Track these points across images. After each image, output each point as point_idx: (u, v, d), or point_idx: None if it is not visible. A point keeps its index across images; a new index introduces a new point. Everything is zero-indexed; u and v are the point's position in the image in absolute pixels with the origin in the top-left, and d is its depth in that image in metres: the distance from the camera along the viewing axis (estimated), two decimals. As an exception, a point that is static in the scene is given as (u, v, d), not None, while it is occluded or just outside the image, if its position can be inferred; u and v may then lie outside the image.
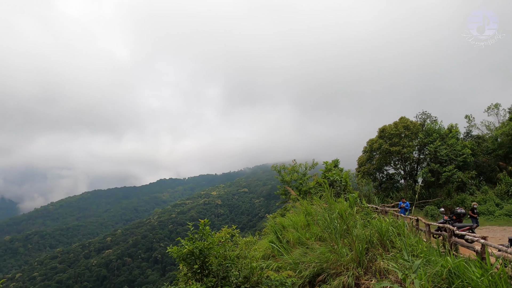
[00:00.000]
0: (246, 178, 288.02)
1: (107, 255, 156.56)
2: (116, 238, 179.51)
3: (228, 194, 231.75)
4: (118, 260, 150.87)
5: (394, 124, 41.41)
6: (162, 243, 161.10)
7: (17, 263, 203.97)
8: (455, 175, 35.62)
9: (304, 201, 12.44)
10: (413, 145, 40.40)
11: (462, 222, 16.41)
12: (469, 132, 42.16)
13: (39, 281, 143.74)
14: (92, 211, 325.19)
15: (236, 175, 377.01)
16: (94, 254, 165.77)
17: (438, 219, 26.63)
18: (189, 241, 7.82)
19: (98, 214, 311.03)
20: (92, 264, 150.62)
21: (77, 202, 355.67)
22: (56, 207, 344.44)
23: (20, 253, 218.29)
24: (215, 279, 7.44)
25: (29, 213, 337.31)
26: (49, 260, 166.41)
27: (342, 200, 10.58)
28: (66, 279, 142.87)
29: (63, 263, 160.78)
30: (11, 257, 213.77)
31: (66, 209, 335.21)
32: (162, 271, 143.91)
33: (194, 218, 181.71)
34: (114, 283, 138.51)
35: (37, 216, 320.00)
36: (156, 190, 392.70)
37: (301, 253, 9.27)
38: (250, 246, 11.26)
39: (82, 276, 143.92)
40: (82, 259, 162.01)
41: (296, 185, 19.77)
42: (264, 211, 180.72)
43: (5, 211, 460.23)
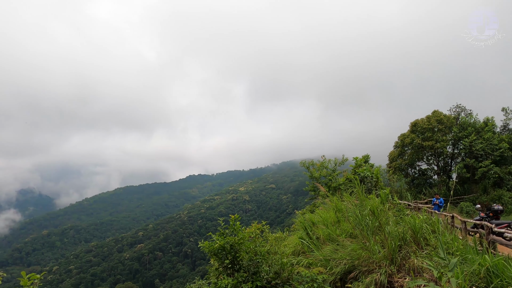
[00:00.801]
0: (273, 174, 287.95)
1: (139, 249, 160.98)
2: (147, 233, 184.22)
3: (256, 190, 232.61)
4: (149, 254, 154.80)
5: (426, 118, 40.12)
6: (192, 238, 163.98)
7: (54, 256, 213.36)
8: (491, 170, 34.20)
9: (334, 198, 12.30)
10: (447, 140, 39.02)
11: (499, 219, 15.73)
12: (506, 126, 40.22)
13: (75, 273, 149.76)
14: (125, 206, 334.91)
15: (263, 171, 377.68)
16: (126, 248, 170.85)
17: (473, 216, 25.69)
18: (220, 236, 7.90)
19: (130, 209, 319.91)
20: (125, 258, 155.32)
21: (110, 198, 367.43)
22: (90, 202, 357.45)
23: (57, 247, 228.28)
24: (246, 274, 7.49)
25: (65, 209, 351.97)
26: (84, 254, 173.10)
27: (374, 196, 10.37)
28: (100, 272, 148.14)
29: (98, 256, 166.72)
30: (49, 250, 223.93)
31: (100, 205, 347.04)
32: (192, 266, 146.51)
33: (223, 214, 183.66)
34: (146, 276, 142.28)
35: (73, 211, 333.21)
36: (185, 186, 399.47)
37: (331, 249, 9.18)
38: (280, 242, 11.27)
39: (115, 269, 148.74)
40: (115, 253, 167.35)
41: (325, 181, 19.54)
42: (292, 207, 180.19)
43: (42, 206, 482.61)
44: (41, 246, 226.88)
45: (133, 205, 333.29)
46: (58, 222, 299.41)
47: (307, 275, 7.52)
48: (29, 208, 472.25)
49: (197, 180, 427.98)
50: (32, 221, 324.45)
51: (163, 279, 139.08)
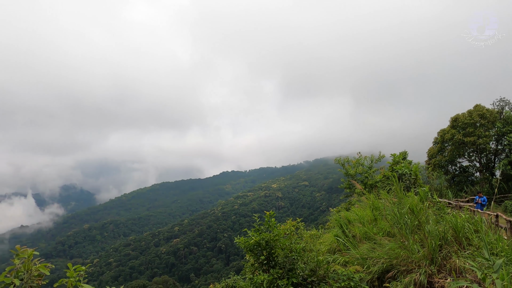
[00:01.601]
0: (306, 171, 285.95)
1: (175, 244, 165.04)
2: (183, 228, 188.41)
3: (288, 187, 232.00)
4: (185, 248, 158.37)
5: (468, 113, 38.31)
6: (226, 233, 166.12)
7: (95, 249, 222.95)
8: (539, 167, 32.25)
9: (370, 195, 12.07)
10: (489, 135, 37.10)
11: None
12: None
13: (114, 266, 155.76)
14: (161, 202, 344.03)
15: (296, 168, 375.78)
16: (163, 242, 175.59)
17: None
18: (256, 232, 7.98)
19: (167, 204, 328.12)
20: (162, 252, 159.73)
21: (147, 194, 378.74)
22: (129, 198, 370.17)
23: (98, 240, 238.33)
24: (282, 271, 7.52)
25: (105, 204, 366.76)
26: (123, 247, 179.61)
27: (412, 194, 10.09)
28: (138, 265, 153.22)
29: (136, 250, 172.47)
30: (90, 243, 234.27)
31: (138, 200, 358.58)
32: (226, 261, 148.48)
33: (256, 210, 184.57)
34: (181, 270, 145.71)
35: (112, 206, 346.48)
36: (219, 182, 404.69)
37: (368, 248, 9.03)
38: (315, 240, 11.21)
39: (153, 263, 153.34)
40: (153, 247, 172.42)
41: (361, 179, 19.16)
42: (325, 205, 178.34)
43: (84, 201, 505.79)
44: (82, 240, 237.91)
45: (169, 201, 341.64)
46: (98, 216, 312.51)
47: (344, 274, 7.46)
48: (71, 203, 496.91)
49: (230, 177, 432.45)
50: (74, 215, 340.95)
51: (198, 274, 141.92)
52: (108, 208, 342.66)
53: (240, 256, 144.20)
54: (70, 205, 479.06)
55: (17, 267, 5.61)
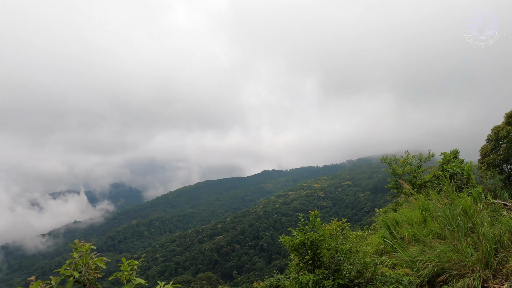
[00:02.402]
0: (350, 171, 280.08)
1: (218, 241, 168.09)
2: (225, 225, 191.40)
3: (331, 187, 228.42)
4: (228, 246, 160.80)
5: (525, 109, 35.75)
6: (268, 232, 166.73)
7: (142, 245, 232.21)
8: None
9: (419, 196, 11.64)
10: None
11: None
12: None
13: (160, 261, 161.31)
14: (204, 199, 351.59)
15: (338, 167, 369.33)
16: (206, 239, 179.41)
17: None
18: (300, 232, 7.98)
19: (210, 202, 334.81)
20: (205, 249, 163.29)
21: (192, 191, 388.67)
22: (174, 195, 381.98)
23: (145, 236, 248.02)
24: (327, 271, 7.48)
25: (152, 201, 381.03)
26: (168, 243, 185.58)
27: (465, 195, 9.62)
28: (183, 261, 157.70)
29: (180, 246, 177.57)
30: (137, 239, 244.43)
31: (182, 198, 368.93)
32: (268, 259, 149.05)
33: (297, 209, 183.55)
34: (224, 267, 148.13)
35: (158, 203, 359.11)
36: (260, 181, 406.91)
37: (418, 250, 8.73)
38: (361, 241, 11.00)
39: (197, 259, 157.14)
40: (197, 243, 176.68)
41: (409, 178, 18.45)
42: (370, 205, 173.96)
43: (132, 199, 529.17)
44: (131, 235, 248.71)
45: (212, 199, 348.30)
46: (145, 213, 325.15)
47: (392, 276, 7.29)
48: (121, 200, 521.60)
49: (271, 176, 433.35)
50: (123, 212, 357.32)
51: (240, 271, 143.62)
52: (154, 205, 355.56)
53: (282, 255, 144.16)
54: (120, 202, 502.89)
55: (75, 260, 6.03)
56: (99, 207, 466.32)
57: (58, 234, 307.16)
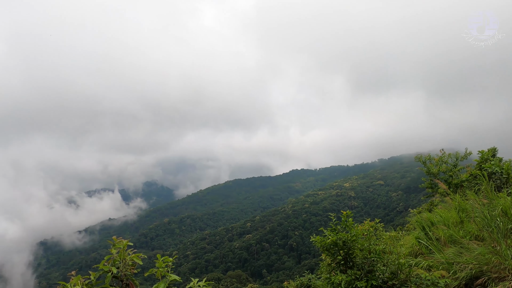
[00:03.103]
0: (381, 170, 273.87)
1: (247, 240, 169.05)
2: (255, 224, 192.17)
3: (362, 186, 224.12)
4: (257, 244, 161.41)
5: None
6: (297, 231, 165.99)
7: (174, 242, 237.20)
8: None
9: (456, 196, 11.27)
10: None
11: None
12: None
13: (191, 258, 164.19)
14: (234, 198, 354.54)
15: (369, 166, 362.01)
16: (236, 237, 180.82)
17: None
18: (332, 231, 7.92)
19: (239, 201, 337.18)
20: (235, 247, 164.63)
21: (221, 190, 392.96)
22: (204, 194, 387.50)
23: (176, 234, 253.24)
24: (360, 272, 7.40)
25: (183, 199, 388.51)
26: (199, 241, 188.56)
27: (505, 195, 9.22)
28: (213, 258, 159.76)
29: (211, 244, 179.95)
30: (169, 236, 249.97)
31: (212, 196, 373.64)
32: (297, 259, 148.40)
33: (327, 209, 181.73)
34: (254, 266, 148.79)
35: (189, 201, 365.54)
36: (288, 180, 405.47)
37: (455, 252, 8.46)
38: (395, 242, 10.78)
39: (227, 257, 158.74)
40: (226, 241, 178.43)
41: (445, 178, 17.85)
42: (402, 205, 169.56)
43: (164, 197, 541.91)
44: (163, 232, 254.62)
45: (241, 197, 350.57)
46: (177, 211, 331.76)
47: (427, 278, 7.12)
48: (153, 198, 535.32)
49: (300, 175, 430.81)
50: (155, 209, 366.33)
51: (270, 270, 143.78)
52: (185, 203, 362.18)
53: (311, 255, 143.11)
54: (152, 200, 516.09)
55: (113, 256, 6.29)
56: (133, 204, 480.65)
57: (94, 230, 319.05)
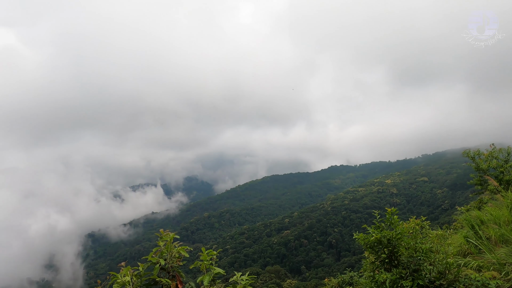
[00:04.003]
0: (426, 166, 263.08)
1: (285, 235, 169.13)
2: (293, 220, 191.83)
3: (405, 183, 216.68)
4: (295, 240, 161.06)
5: None
6: (336, 228, 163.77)
7: (213, 236, 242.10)
8: None
9: (508, 193, 10.65)
10: None
11: None
12: None
13: (230, 253, 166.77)
14: (271, 194, 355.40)
15: (412, 162, 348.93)
16: (274, 233, 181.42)
17: None
18: (376, 229, 7.76)
19: (277, 196, 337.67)
20: (273, 242, 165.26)
21: (259, 185, 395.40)
22: (242, 189, 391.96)
23: (216, 228, 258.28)
24: (405, 271, 7.21)
25: (222, 194, 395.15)
26: (238, 235, 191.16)
27: None
28: (251, 253, 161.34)
29: (249, 239, 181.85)
30: (209, 230, 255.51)
31: (250, 191, 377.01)
32: (337, 256, 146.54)
33: (368, 206, 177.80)
34: (292, 262, 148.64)
35: (228, 196, 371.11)
36: (327, 176, 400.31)
37: (507, 252, 8.03)
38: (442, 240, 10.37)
39: (265, 252, 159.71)
40: (265, 237, 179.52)
41: (496, 174, 16.87)
42: (448, 202, 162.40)
43: (204, 191, 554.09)
44: (203, 226, 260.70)
45: (279, 193, 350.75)
46: (216, 205, 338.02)
47: (477, 279, 6.81)
48: (193, 192, 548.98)
49: (339, 171, 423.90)
50: (195, 204, 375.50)
51: (308, 266, 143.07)
52: (224, 198, 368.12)
53: (352, 252, 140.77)
54: (192, 194, 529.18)
55: (161, 248, 6.55)
56: (174, 199, 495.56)
57: (138, 224, 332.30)
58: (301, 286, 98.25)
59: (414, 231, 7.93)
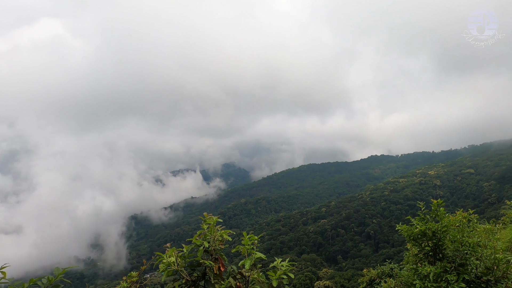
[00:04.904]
0: (472, 157, 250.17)
1: (322, 224, 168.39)
2: (330, 210, 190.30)
3: (449, 175, 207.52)
4: (332, 230, 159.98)
5: None
6: (375, 219, 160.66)
7: (250, 222, 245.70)
8: None
9: None
10: None
11: None
12: None
13: (266, 239, 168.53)
14: (308, 182, 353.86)
15: (457, 153, 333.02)
16: (311, 221, 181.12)
17: None
18: (421, 221, 7.58)
19: (313, 185, 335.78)
20: (309, 231, 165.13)
21: (295, 174, 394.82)
22: (279, 177, 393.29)
23: (252, 214, 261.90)
24: (450, 265, 7.02)
25: (258, 181, 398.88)
26: (274, 223, 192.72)
27: None
28: (287, 240, 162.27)
29: (285, 226, 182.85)
30: (245, 216, 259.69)
31: (287, 179, 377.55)
32: (375, 247, 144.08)
33: (409, 198, 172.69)
34: (329, 251, 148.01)
35: (264, 184, 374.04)
36: (366, 166, 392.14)
37: None
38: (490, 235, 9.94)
39: (301, 240, 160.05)
40: (301, 225, 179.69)
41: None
42: (495, 196, 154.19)
43: (241, 178, 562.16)
44: (239, 212, 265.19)
45: (316, 182, 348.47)
46: (253, 192, 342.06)
47: (529, 277, 6.51)
48: (231, 178, 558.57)
49: (379, 161, 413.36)
50: (233, 190, 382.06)
51: (345, 256, 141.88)
52: (261, 185, 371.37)
53: (390, 244, 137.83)
54: (230, 180, 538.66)
55: (205, 231, 6.79)
56: (212, 184, 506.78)
57: (178, 207, 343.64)
58: (337, 275, 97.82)
59: (461, 224, 7.66)
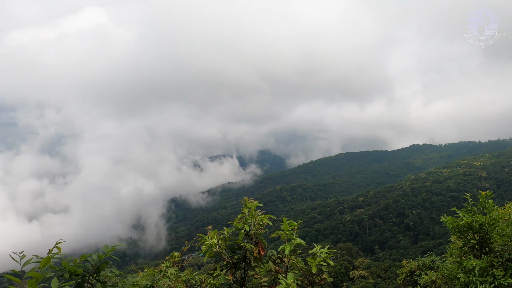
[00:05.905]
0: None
1: (359, 214, 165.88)
2: (367, 199, 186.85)
3: (496, 166, 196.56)
4: (369, 220, 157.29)
5: None
6: (415, 210, 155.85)
7: (285, 209, 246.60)
8: None
9: None
10: None
11: None
12: None
13: (302, 227, 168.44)
14: (345, 171, 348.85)
15: (506, 144, 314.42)
16: (347, 211, 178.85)
17: None
18: (467, 213, 7.31)
19: (351, 174, 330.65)
20: (346, 220, 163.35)
21: (332, 162, 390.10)
22: (315, 165, 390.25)
23: (287, 201, 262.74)
24: (498, 259, 6.74)
25: (294, 169, 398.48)
26: (309, 210, 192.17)
27: None
28: (323, 229, 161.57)
29: (321, 214, 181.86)
30: (281, 203, 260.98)
31: (323, 168, 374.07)
32: (414, 239, 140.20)
33: (452, 189, 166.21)
34: (365, 241, 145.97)
35: (300, 171, 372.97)
36: (407, 155, 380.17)
37: None
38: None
39: (337, 229, 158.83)
40: (337, 214, 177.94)
41: None
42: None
43: (276, 165, 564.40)
44: (275, 199, 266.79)
45: (354, 171, 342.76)
46: (288, 179, 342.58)
47: None
48: (266, 165, 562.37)
49: (421, 150, 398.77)
50: (268, 176, 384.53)
51: (382, 247, 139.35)
52: (296, 172, 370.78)
53: (430, 236, 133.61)
54: (265, 167, 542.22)
55: (245, 215, 6.93)
56: (248, 170, 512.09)
57: (215, 192, 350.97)
58: (373, 265, 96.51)
59: (510, 218, 7.31)
